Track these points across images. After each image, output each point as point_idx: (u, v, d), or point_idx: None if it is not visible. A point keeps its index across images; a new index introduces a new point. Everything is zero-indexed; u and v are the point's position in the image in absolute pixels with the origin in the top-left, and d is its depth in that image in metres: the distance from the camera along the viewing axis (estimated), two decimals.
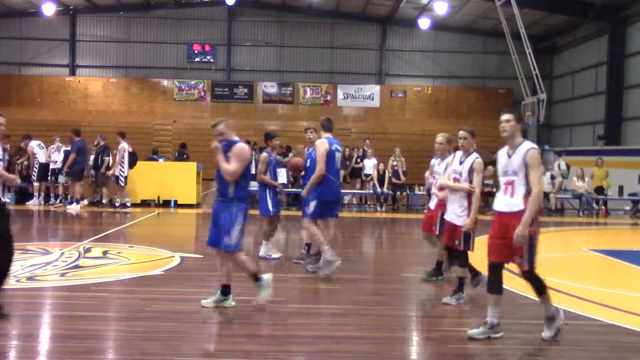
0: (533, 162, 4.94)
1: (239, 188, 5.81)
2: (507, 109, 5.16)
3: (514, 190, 5.01)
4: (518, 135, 5.05)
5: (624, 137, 25.04)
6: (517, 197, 4.98)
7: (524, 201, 4.93)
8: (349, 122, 31.73)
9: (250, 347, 4.84)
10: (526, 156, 4.93)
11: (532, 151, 4.95)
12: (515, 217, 4.91)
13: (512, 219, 4.93)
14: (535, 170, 4.93)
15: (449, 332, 5.42)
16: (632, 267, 9.00)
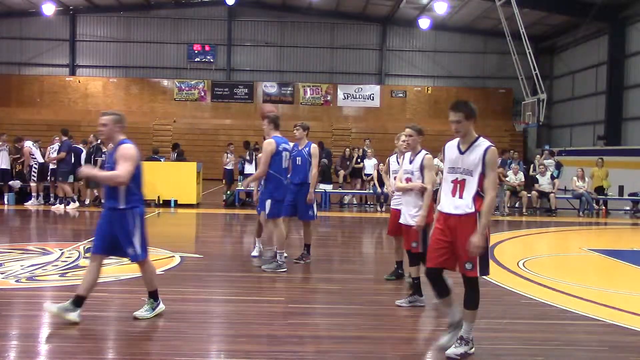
0: (492, 162, 4.50)
1: (130, 193, 5.19)
2: (455, 105, 4.58)
3: (463, 191, 4.54)
4: (472, 131, 4.57)
5: (624, 137, 25.04)
6: (467, 199, 4.52)
7: (474, 203, 4.49)
8: (349, 122, 31.74)
9: (250, 347, 4.84)
10: (485, 156, 4.46)
11: (492, 149, 4.49)
12: (465, 220, 4.49)
13: (462, 222, 4.51)
14: (494, 171, 4.53)
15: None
16: (632, 267, 9.00)
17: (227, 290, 6.86)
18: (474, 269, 4.51)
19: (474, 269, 4.51)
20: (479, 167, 4.48)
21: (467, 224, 4.50)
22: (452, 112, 4.53)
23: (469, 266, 4.52)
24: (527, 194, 16.58)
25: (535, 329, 5.49)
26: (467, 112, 4.51)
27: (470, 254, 4.47)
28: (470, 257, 4.48)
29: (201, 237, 10.88)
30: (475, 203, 4.50)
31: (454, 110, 4.53)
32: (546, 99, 25.14)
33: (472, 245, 4.43)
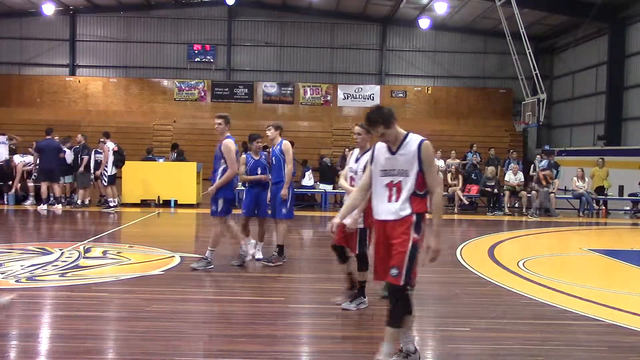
0: (428, 157, 4.14)
1: None
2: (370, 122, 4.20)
3: (400, 193, 4.17)
4: (398, 130, 4.21)
5: (624, 137, 25.05)
6: (403, 201, 4.16)
7: (410, 205, 4.15)
8: (349, 122, 31.73)
9: (250, 347, 4.84)
10: (420, 152, 4.11)
11: (425, 144, 4.13)
12: (400, 224, 4.13)
13: (397, 226, 4.13)
14: (432, 166, 4.17)
15: (449, 332, 5.41)
16: (632, 267, 9.00)
17: (226, 291, 6.86)
18: (398, 276, 4.07)
19: (399, 276, 4.07)
20: (415, 165, 4.12)
21: (401, 227, 4.15)
22: (372, 129, 4.23)
23: (395, 272, 4.08)
24: (527, 194, 16.57)
25: (535, 329, 5.49)
26: (385, 122, 4.14)
27: (431, 260, 4.17)
28: (398, 262, 4.07)
29: (201, 237, 10.88)
30: (411, 204, 4.16)
31: (371, 127, 4.21)
32: (546, 99, 25.14)
33: (430, 249, 4.16)
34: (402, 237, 4.14)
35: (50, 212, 13.87)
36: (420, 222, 4.19)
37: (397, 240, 4.15)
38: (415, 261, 4.14)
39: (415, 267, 4.16)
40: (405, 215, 4.15)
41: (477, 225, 14.21)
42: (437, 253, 4.19)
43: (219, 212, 7.75)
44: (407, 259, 4.10)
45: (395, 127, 4.19)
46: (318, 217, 15.20)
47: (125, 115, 31.56)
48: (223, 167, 7.70)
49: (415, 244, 4.14)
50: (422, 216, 4.21)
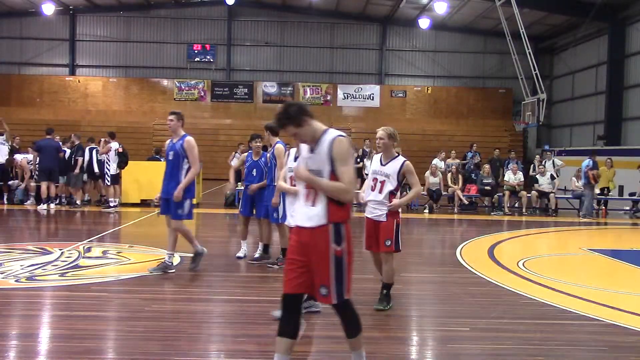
0: (341, 154, 3.70)
1: None
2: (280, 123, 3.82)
3: (316, 197, 3.76)
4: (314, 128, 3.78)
5: (624, 137, 25.04)
6: (320, 207, 3.74)
7: (327, 212, 3.71)
8: (349, 122, 31.74)
9: (250, 347, 4.84)
10: (332, 149, 3.71)
11: (338, 140, 3.74)
12: (319, 233, 3.72)
13: (315, 236, 3.73)
14: (346, 165, 3.72)
15: (449, 332, 5.41)
16: (632, 267, 9.00)
17: (227, 290, 6.85)
18: (328, 295, 3.72)
19: (329, 295, 3.72)
20: (327, 165, 3.70)
21: (320, 239, 3.72)
22: (283, 130, 3.86)
23: (324, 291, 3.73)
24: (526, 194, 16.58)
25: (535, 329, 5.49)
26: (295, 121, 3.73)
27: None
28: (324, 280, 3.71)
29: (201, 237, 10.87)
30: (328, 212, 3.72)
31: (281, 127, 3.84)
32: (546, 99, 25.13)
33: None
34: (321, 251, 3.73)
35: (50, 212, 13.87)
36: (340, 230, 3.75)
37: (316, 254, 3.74)
38: (344, 274, 3.74)
39: (348, 278, 3.78)
40: (322, 225, 3.73)
41: (477, 225, 14.21)
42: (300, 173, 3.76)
43: (186, 215, 7.33)
44: (332, 274, 3.71)
45: (310, 125, 3.76)
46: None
47: (125, 115, 31.55)
48: (188, 166, 7.34)
49: (339, 256, 3.74)
50: (340, 225, 3.76)
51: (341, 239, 3.76)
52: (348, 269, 3.79)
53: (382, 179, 5.95)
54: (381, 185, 5.94)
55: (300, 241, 3.80)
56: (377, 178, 5.98)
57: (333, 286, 3.73)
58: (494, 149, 20.19)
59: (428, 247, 11.31)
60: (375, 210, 5.98)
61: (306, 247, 3.76)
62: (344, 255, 3.76)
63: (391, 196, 5.92)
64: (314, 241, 3.74)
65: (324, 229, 3.73)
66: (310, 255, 3.75)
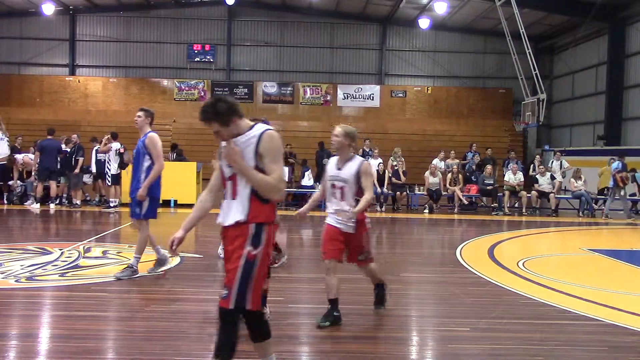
0: (269, 149, 3.47)
1: None
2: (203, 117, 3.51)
3: (236, 192, 3.53)
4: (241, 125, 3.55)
5: (624, 137, 25.04)
6: (240, 202, 3.50)
7: (248, 209, 3.46)
8: (349, 122, 31.72)
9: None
10: (259, 143, 3.52)
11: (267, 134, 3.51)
12: (235, 232, 3.48)
13: (232, 235, 3.51)
14: (276, 162, 3.50)
15: (449, 332, 5.41)
16: (632, 267, 9.00)
17: None
18: (227, 298, 3.42)
19: (228, 297, 3.42)
20: (252, 160, 3.48)
21: (237, 238, 3.47)
22: (206, 124, 3.54)
23: (224, 293, 3.44)
24: (526, 194, 16.58)
25: (535, 329, 5.49)
26: (221, 120, 3.46)
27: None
28: (228, 281, 3.44)
29: (201, 237, 10.87)
30: (250, 210, 3.46)
31: (204, 121, 3.53)
32: (546, 99, 25.13)
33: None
34: (234, 251, 3.47)
35: (49, 211, 13.88)
36: (261, 232, 3.47)
37: (229, 253, 3.49)
38: (251, 280, 3.42)
39: (255, 287, 3.45)
40: (240, 222, 3.46)
41: (477, 225, 14.21)
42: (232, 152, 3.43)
43: (143, 215, 7.04)
44: (238, 278, 3.40)
45: (236, 124, 3.50)
46: (318, 217, 15.20)
47: (125, 115, 31.49)
48: (148, 163, 7.06)
49: (251, 260, 3.42)
50: (262, 227, 3.48)
51: (259, 242, 3.45)
52: (258, 277, 3.44)
53: (340, 185, 5.48)
54: (341, 192, 5.49)
55: (225, 242, 3.55)
56: (335, 184, 5.52)
57: (235, 290, 3.38)
58: (486, 149, 20.16)
59: (428, 247, 11.31)
60: (340, 220, 5.50)
61: (225, 247, 3.52)
62: (257, 260, 3.43)
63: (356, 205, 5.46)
64: (232, 240, 3.47)
65: (243, 228, 3.44)
66: (226, 253, 3.50)
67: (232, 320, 3.47)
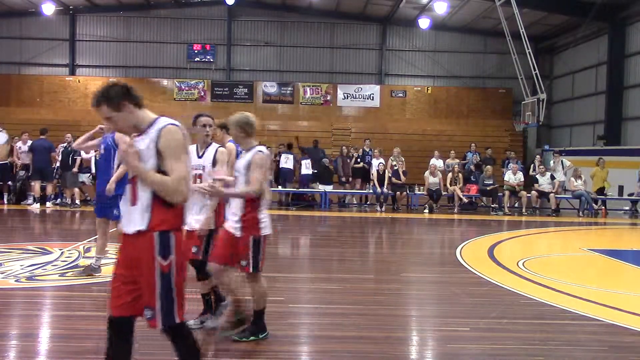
0: (168, 145, 3.12)
1: None
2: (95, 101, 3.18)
3: (137, 197, 3.15)
4: (140, 115, 3.21)
5: (624, 137, 25.04)
6: (140, 208, 3.13)
7: (150, 216, 3.11)
8: (349, 122, 31.73)
9: (250, 347, 4.84)
10: (159, 139, 3.12)
11: (168, 129, 3.13)
12: (138, 242, 3.14)
13: (136, 246, 3.15)
14: (176, 159, 3.11)
15: (449, 332, 5.41)
16: (632, 267, 9.00)
17: None
18: (153, 318, 3.17)
19: (154, 318, 3.17)
20: (152, 157, 3.11)
21: (143, 249, 3.12)
22: (96, 109, 3.20)
23: (149, 314, 3.17)
24: (526, 194, 16.59)
25: (535, 329, 5.49)
26: (110, 103, 3.12)
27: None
28: (149, 301, 3.14)
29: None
30: (152, 216, 3.11)
31: (95, 107, 3.19)
32: (546, 99, 25.11)
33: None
34: (144, 264, 3.12)
35: (45, 211, 13.89)
36: (168, 241, 3.14)
37: (138, 268, 3.14)
38: (173, 292, 3.15)
39: (179, 298, 3.20)
40: (143, 231, 3.11)
41: (477, 225, 14.22)
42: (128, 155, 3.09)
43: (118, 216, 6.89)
44: (158, 293, 3.12)
45: (132, 113, 3.16)
46: (317, 217, 15.21)
47: None
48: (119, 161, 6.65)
49: (166, 272, 3.12)
50: (168, 234, 3.15)
51: (169, 250, 3.13)
52: (178, 287, 3.18)
53: (235, 175, 4.98)
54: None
55: (124, 250, 3.21)
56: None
57: (159, 307, 3.13)
58: (486, 149, 20.15)
59: (428, 247, 11.31)
60: (229, 221, 4.96)
61: (130, 259, 3.17)
62: (172, 270, 3.13)
63: (249, 203, 4.81)
64: (137, 252, 3.13)
65: (147, 238, 3.11)
66: (134, 268, 3.15)
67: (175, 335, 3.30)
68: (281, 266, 8.11)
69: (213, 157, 5.18)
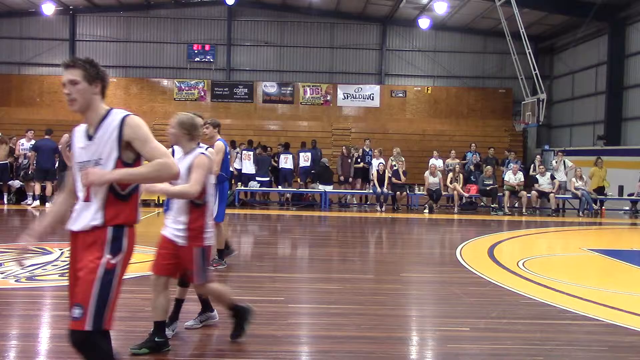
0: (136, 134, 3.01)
1: None
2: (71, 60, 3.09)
3: (92, 193, 2.99)
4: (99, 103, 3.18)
5: (624, 137, 25.05)
6: (95, 204, 2.99)
7: (104, 211, 2.99)
8: (349, 122, 31.74)
9: (250, 347, 4.84)
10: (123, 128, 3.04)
11: (131, 118, 3.06)
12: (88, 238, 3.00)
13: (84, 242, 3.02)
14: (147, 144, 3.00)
15: (449, 332, 5.41)
16: (632, 267, 9.00)
17: None
18: (82, 318, 2.83)
19: (84, 317, 2.83)
20: (114, 150, 2.96)
21: (91, 245, 2.96)
22: (68, 69, 3.07)
23: (77, 312, 2.84)
24: (526, 194, 16.59)
25: (535, 329, 5.49)
26: (88, 72, 3.06)
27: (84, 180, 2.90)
28: (81, 297, 2.85)
29: None
30: (106, 209, 2.97)
31: (70, 65, 3.07)
32: (546, 99, 25.12)
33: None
34: (89, 260, 2.92)
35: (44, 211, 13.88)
36: (121, 237, 3.02)
37: (81, 263, 2.93)
38: (110, 295, 2.90)
39: (112, 304, 2.93)
40: (96, 227, 2.96)
41: (477, 225, 14.22)
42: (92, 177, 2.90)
43: None
44: (95, 291, 2.86)
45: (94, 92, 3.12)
46: (317, 217, 15.21)
47: None
48: None
49: (110, 270, 2.92)
50: (122, 230, 3.04)
51: (120, 248, 3.00)
52: (116, 290, 2.94)
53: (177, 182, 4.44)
54: None
55: (74, 251, 3.03)
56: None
57: (92, 307, 2.83)
58: (488, 148, 20.18)
59: (428, 247, 11.31)
60: (170, 227, 4.59)
61: (75, 257, 3.01)
62: (117, 270, 2.95)
63: (193, 210, 4.50)
64: (83, 247, 2.96)
65: (98, 233, 2.95)
66: (77, 263, 2.96)
67: (90, 345, 2.86)
68: (281, 266, 8.11)
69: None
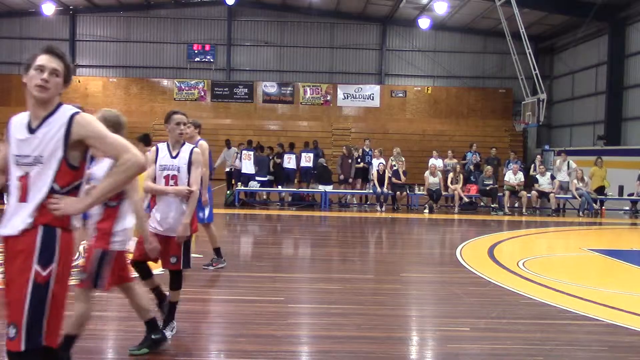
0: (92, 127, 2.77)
1: None
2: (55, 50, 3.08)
3: (27, 193, 2.68)
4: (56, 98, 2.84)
5: (624, 137, 25.05)
6: (31, 204, 2.68)
7: (38, 211, 2.66)
8: (349, 122, 31.75)
9: (250, 347, 4.84)
10: (71, 126, 2.74)
11: (81, 116, 2.77)
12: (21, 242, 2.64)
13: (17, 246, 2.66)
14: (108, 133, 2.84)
15: (449, 332, 5.41)
16: (632, 267, 8.99)
17: (227, 290, 6.86)
18: (16, 339, 2.53)
19: (17, 337, 2.53)
20: (60, 149, 2.70)
21: (19, 254, 2.61)
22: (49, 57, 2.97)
23: (12, 332, 2.54)
24: (527, 194, 16.58)
25: (535, 329, 5.48)
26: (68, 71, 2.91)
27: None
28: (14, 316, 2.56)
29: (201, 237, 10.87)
30: (40, 210, 2.64)
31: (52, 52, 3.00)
32: (546, 99, 25.13)
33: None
34: (16, 273, 2.58)
35: None
36: (53, 244, 2.63)
37: (10, 275, 2.61)
38: (45, 309, 2.55)
39: (53, 316, 2.59)
40: (25, 230, 2.61)
41: (477, 225, 14.22)
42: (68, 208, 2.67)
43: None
44: (27, 309, 2.52)
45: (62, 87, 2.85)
46: (317, 217, 15.21)
47: (125, 115, 30.90)
48: None
49: (42, 284, 2.56)
50: (54, 232, 2.65)
51: (51, 255, 2.60)
52: (56, 303, 2.59)
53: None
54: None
55: (8, 256, 2.68)
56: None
57: (25, 326, 2.49)
58: (490, 148, 20.20)
59: (428, 247, 11.31)
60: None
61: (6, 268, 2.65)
62: (51, 282, 2.57)
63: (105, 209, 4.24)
64: (16, 252, 2.61)
65: (28, 237, 2.60)
66: (7, 271, 2.63)
67: None
68: (281, 266, 8.11)
69: (189, 159, 4.95)
